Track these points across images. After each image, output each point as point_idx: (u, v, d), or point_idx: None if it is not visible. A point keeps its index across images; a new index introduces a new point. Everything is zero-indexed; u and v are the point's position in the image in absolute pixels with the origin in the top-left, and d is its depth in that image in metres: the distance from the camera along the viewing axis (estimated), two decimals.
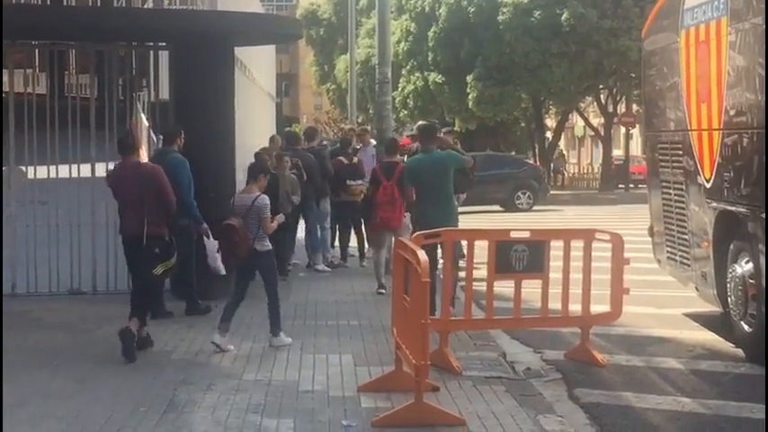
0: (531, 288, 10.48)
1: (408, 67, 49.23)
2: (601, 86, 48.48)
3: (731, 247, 10.92)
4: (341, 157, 17.49)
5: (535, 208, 34.31)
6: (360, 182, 17.13)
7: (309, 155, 16.94)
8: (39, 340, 11.26)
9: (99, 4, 19.68)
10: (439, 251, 11.09)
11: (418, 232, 10.56)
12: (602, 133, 52.40)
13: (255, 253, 10.78)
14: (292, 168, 16.02)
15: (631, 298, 10.86)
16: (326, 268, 17.10)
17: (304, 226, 17.20)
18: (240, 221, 10.66)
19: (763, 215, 9.76)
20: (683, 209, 12.35)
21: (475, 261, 10.45)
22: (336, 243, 18.13)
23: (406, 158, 15.31)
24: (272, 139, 19.32)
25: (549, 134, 57.57)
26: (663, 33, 13.17)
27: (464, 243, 12.08)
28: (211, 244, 12.18)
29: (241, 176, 15.68)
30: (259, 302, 12.70)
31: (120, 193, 11.10)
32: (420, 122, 15.58)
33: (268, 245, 10.97)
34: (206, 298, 12.83)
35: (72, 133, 14.20)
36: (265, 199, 10.86)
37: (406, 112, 50.52)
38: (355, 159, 17.63)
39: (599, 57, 42.29)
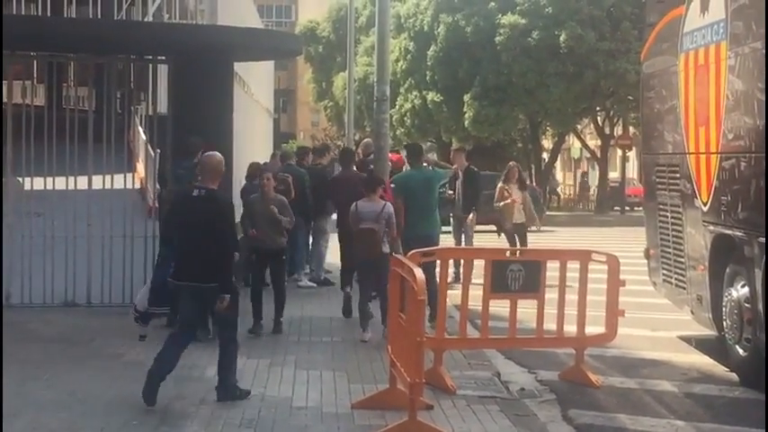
0: (527, 308, 10.47)
1: (406, 85, 49.27)
2: (598, 108, 48.53)
3: (727, 270, 10.91)
4: None
5: (531, 228, 34.21)
6: None
7: (304, 171, 16.96)
8: (32, 351, 11.22)
9: (99, 16, 19.70)
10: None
11: (414, 250, 10.56)
12: (599, 155, 52.46)
13: (382, 255, 11.87)
14: (280, 185, 15.88)
15: (626, 320, 10.85)
16: (310, 283, 17.10)
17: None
18: (377, 226, 12.12)
19: (761, 239, 9.75)
20: (680, 232, 12.35)
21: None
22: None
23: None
24: (273, 156, 19.44)
25: (545, 155, 57.60)
26: (662, 56, 13.19)
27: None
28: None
29: (237, 191, 15.71)
30: (249, 317, 12.68)
31: (338, 195, 14.13)
32: (408, 142, 16.97)
33: (388, 248, 12.17)
34: None
35: (69, 145, 14.19)
36: (392, 207, 12.48)
37: (403, 130, 50.52)
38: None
39: (596, 78, 42.32)
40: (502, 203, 18.48)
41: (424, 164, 14.43)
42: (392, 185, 13.98)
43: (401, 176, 14.36)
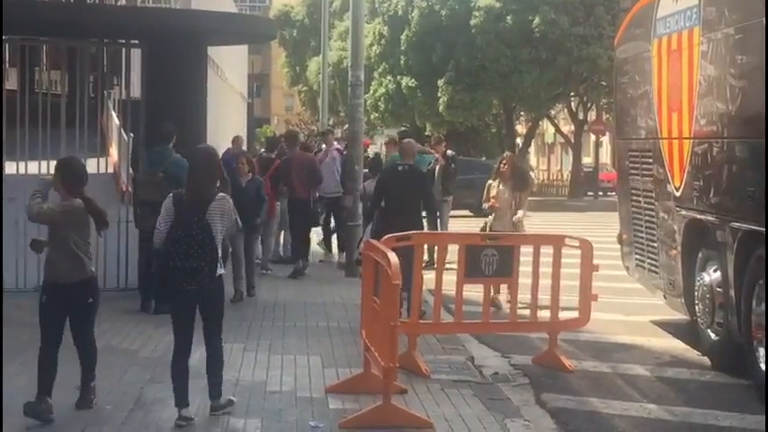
0: (500, 293, 10.50)
1: (380, 69, 49.21)
2: (571, 94, 48.62)
3: (699, 255, 10.96)
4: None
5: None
6: None
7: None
8: (4, 337, 11.14)
9: (72, 0, 19.54)
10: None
11: (389, 235, 10.56)
12: (572, 140, 52.58)
13: None
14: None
15: (599, 304, 10.90)
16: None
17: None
18: None
19: (733, 224, 9.80)
20: (653, 217, 12.40)
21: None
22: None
23: None
24: (234, 140, 19.39)
25: (519, 140, 57.70)
26: (635, 42, 13.22)
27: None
28: None
29: None
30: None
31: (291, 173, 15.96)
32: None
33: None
34: None
35: (42, 129, 14.10)
36: None
37: (377, 115, 50.48)
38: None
39: (569, 64, 42.36)
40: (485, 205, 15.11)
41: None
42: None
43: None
